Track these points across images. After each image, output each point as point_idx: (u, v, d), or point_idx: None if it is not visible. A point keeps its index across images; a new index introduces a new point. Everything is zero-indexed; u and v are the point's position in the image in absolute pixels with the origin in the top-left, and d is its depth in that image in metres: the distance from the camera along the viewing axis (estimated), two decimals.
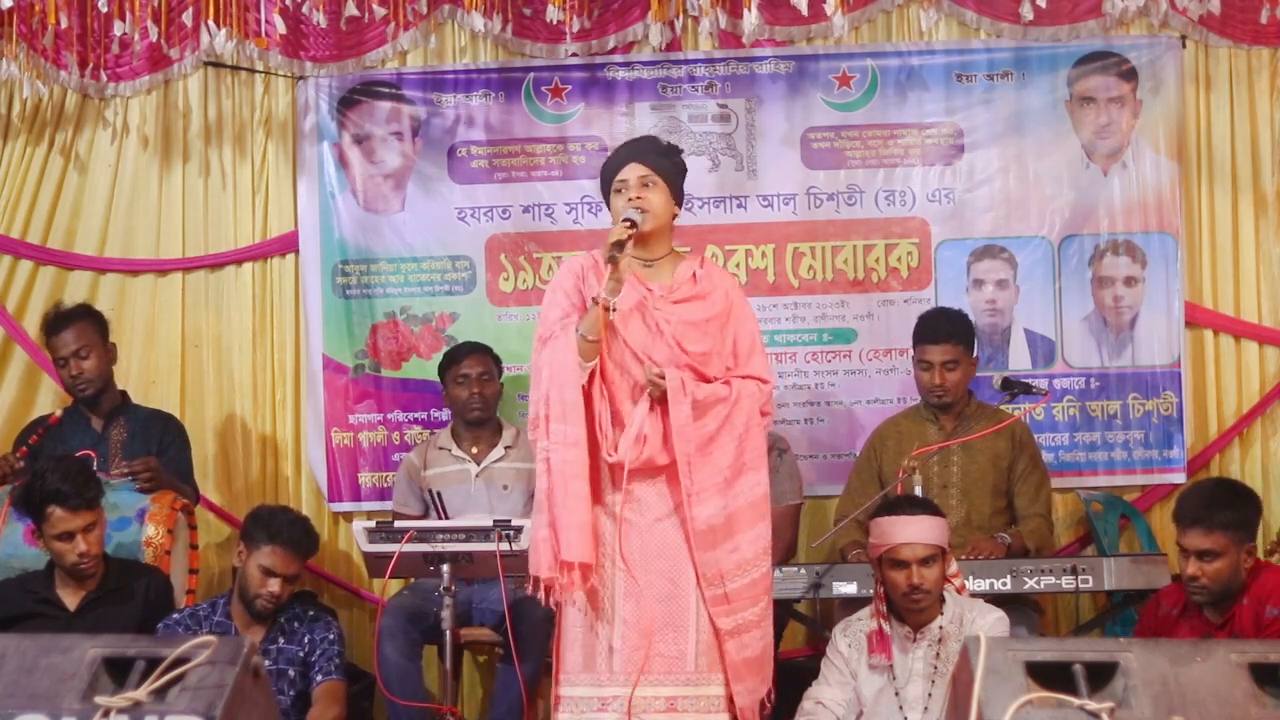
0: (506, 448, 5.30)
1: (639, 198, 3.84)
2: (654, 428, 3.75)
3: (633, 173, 3.88)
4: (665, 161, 3.88)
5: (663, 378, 3.77)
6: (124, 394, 5.36)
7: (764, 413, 3.85)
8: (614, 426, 3.80)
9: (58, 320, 5.22)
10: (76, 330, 5.18)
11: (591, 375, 3.81)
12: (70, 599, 4.45)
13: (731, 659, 3.73)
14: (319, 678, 4.39)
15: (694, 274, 3.94)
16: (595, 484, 3.82)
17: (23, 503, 4.44)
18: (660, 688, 3.73)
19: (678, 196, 3.94)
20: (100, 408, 5.22)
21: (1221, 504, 4.20)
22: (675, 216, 3.96)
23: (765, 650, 3.80)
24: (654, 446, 3.74)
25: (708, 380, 3.79)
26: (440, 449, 5.34)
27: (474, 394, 5.28)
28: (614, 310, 3.73)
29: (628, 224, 3.77)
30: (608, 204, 3.98)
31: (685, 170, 3.98)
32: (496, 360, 5.41)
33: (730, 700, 3.79)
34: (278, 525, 4.42)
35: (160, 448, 5.20)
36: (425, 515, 5.24)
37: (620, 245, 3.72)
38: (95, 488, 4.46)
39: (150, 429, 5.25)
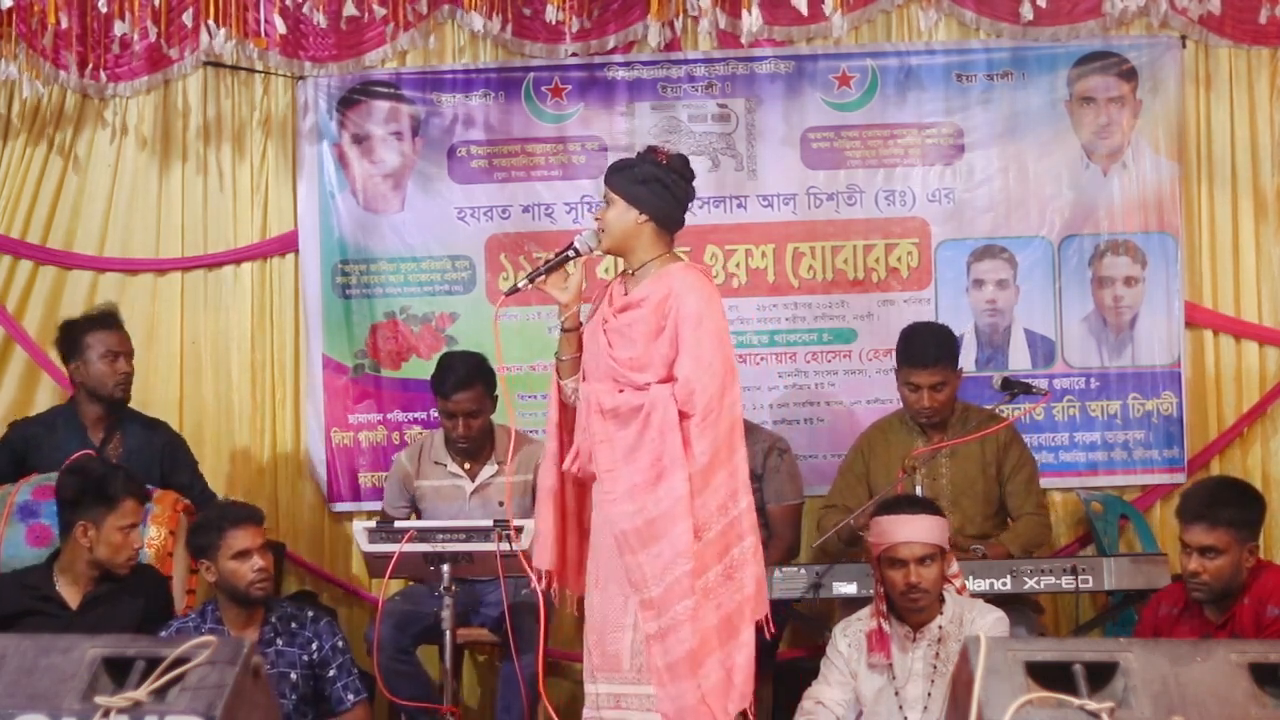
0: (499, 463, 5.18)
1: (598, 218, 3.94)
2: (586, 440, 3.86)
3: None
4: (617, 177, 3.90)
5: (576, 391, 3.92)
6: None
7: (683, 414, 3.72)
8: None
9: (113, 317, 5.24)
10: (125, 334, 5.23)
11: None
12: (71, 597, 4.44)
13: (655, 663, 3.69)
14: (350, 697, 4.37)
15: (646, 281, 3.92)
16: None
17: (104, 490, 4.42)
18: (611, 685, 3.81)
19: (640, 204, 3.85)
20: (105, 416, 5.18)
21: (1226, 501, 4.19)
22: (644, 223, 3.86)
23: (689, 655, 3.66)
24: (584, 457, 3.87)
25: (640, 388, 3.79)
26: (436, 463, 5.23)
27: (460, 434, 5.11)
28: (562, 329, 3.96)
29: (565, 248, 3.92)
30: None
31: (652, 176, 3.85)
32: (489, 382, 5.12)
33: None
34: (222, 513, 4.43)
35: (165, 470, 5.16)
36: (415, 516, 5.23)
37: (537, 272, 3.92)
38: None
39: (149, 447, 5.19)
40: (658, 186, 3.86)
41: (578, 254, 3.91)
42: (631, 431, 3.76)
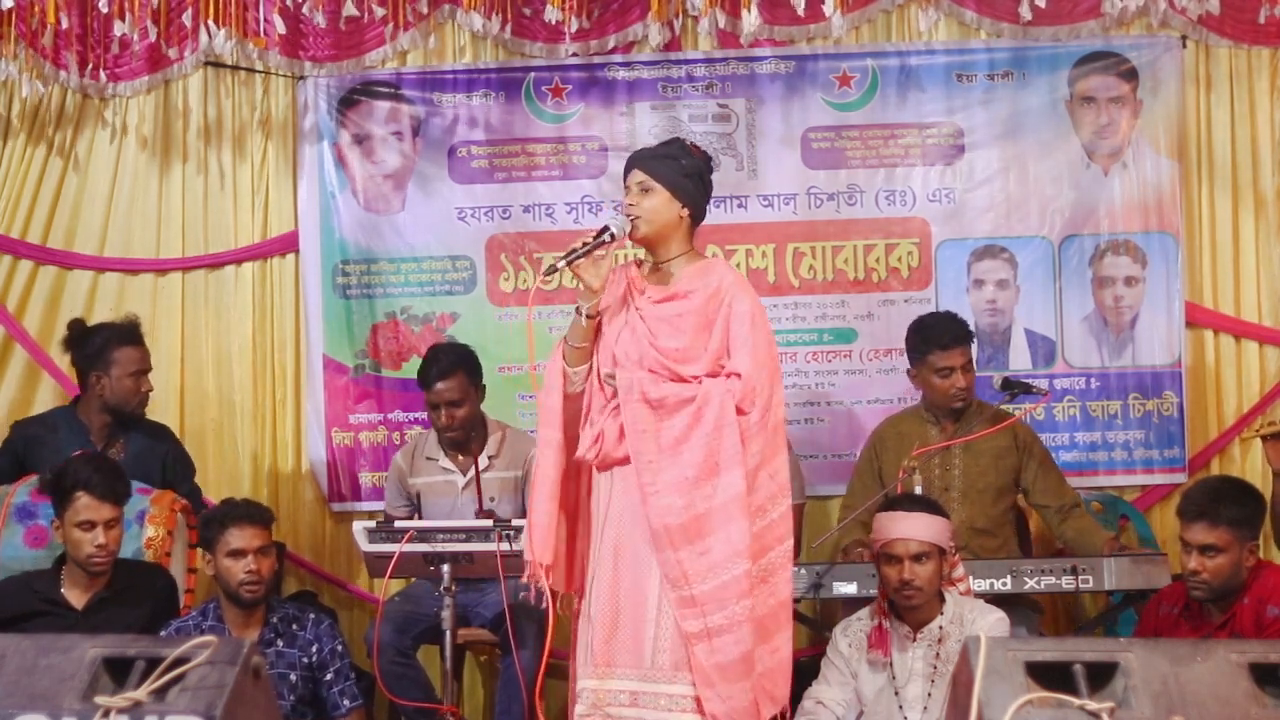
0: (490, 457, 5.14)
1: (631, 205, 3.83)
2: (611, 426, 3.77)
3: (632, 180, 3.86)
4: (664, 165, 3.82)
5: (614, 378, 3.80)
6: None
7: (740, 410, 3.69)
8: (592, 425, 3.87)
9: (140, 332, 5.22)
10: (148, 350, 5.22)
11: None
12: (78, 599, 4.42)
13: (700, 663, 3.62)
14: (346, 703, 4.37)
15: (687, 273, 3.90)
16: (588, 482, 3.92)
17: (51, 486, 4.41)
18: (624, 681, 3.71)
19: (685, 197, 3.82)
20: (112, 423, 5.16)
21: (1228, 499, 4.18)
22: (685, 217, 3.84)
23: (743, 657, 3.61)
24: (609, 443, 3.76)
25: (684, 379, 3.75)
26: (428, 459, 5.23)
27: (444, 424, 5.10)
28: (584, 317, 3.82)
29: (601, 232, 3.79)
30: None
31: (697, 171, 3.85)
32: (473, 371, 5.14)
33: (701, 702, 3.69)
34: (229, 510, 4.42)
35: (166, 479, 5.14)
36: (415, 516, 5.22)
37: (575, 253, 3.76)
38: (125, 487, 4.47)
39: (152, 454, 5.18)
40: (699, 181, 3.85)
41: (613, 238, 3.81)
42: (678, 423, 3.70)
